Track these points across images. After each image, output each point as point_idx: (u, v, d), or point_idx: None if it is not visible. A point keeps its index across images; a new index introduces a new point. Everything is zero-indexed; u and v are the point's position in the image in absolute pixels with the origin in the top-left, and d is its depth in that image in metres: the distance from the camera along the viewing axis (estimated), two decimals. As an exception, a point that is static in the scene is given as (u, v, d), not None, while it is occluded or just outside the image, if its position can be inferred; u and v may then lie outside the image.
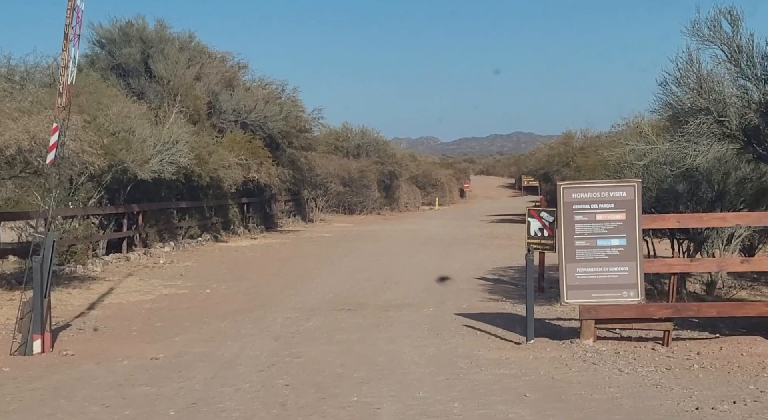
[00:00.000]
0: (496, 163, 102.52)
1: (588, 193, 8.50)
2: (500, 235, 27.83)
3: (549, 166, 31.87)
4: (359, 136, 44.74)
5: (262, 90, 28.33)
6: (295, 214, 36.97)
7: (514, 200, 61.09)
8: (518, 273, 16.30)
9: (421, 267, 17.69)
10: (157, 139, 19.07)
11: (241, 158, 24.14)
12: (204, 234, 24.63)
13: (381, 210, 43.68)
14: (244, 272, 17.16)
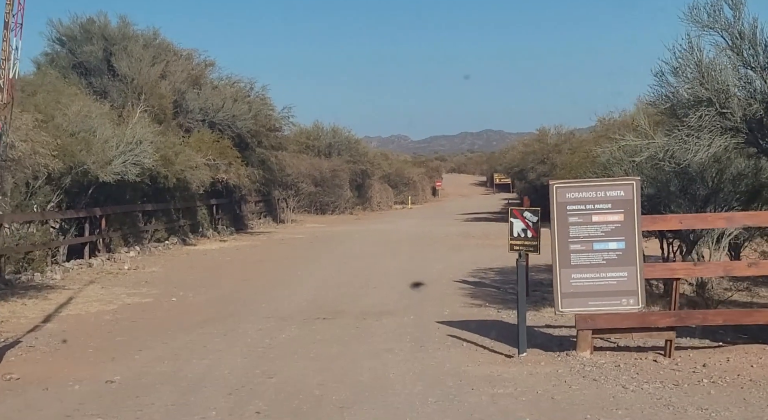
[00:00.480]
0: (468, 161, 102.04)
1: (583, 192, 7.82)
2: (476, 234, 27.21)
3: (523, 163, 31.28)
4: (330, 134, 43.92)
5: (230, 88, 27.45)
6: (266, 215, 36.09)
7: (486, 198, 60.63)
8: (499, 275, 15.65)
9: (399, 269, 16.98)
10: (120, 140, 18.17)
11: (209, 159, 23.27)
12: (171, 237, 23.72)
13: (353, 210, 42.91)
14: (212, 278, 16.34)
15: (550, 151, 31.00)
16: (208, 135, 24.47)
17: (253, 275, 16.69)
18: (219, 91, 26.81)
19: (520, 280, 8.13)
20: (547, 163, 31.06)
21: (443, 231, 28.91)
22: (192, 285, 15.14)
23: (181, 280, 16.06)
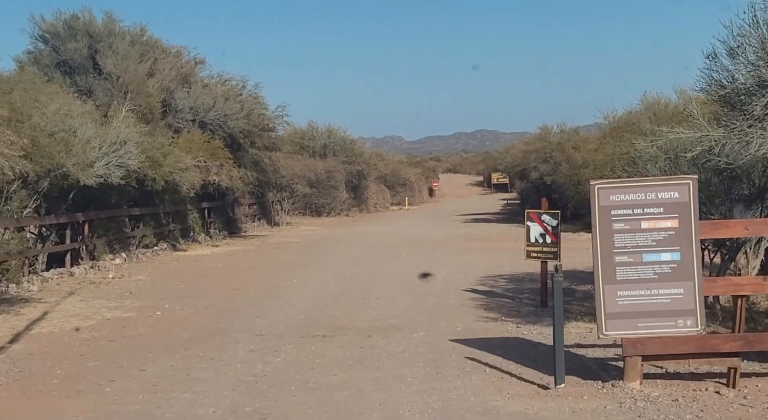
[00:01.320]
0: (463, 161, 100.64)
1: (630, 194, 6.57)
2: (478, 236, 25.99)
3: (525, 162, 30.07)
4: (325, 135, 42.64)
5: (222, 87, 26.15)
6: (260, 217, 34.83)
7: (484, 198, 59.41)
8: (510, 282, 14.41)
9: (402, 276, 15.73)
10: (103, 140, 16.87)
11: (199, 160, 22.00)
12: (161, 242, 22.44)
13: (350, 211, 41.66)
14: (202, 287, 15.07)
15: (553, 150, 29.77)
16: (199, 135, 23.19)
17: (245, 283, 15.42)
18: (210, 90, 25.53)
19: (557, 301, 6.81)
20: (550, 162, 29.83)
21: (443, 233, 27.68)
22: (179, 295, 13.88)
23: (168, 289, 14.80)
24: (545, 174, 29.61)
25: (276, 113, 27.68)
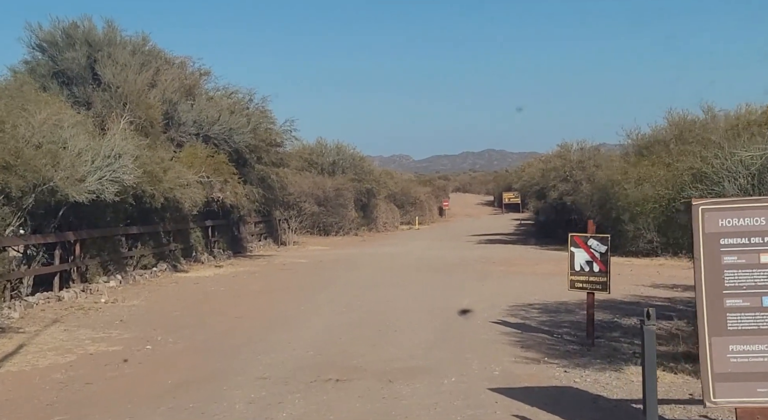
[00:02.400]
0: (472, 180, 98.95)
1: (747, 218, 5.00)
2: (496, 259, 24.38)
3: (544, 180, 28.56)
4: (334, 151, 41.18)
5: (227, 99, 24.73)
6: (266, 236, 33.30)
7: (495, 218, 57.78)
8: (543, 313, 12.79)
9: (421, 304, 14.14)
10: (96, 153, 15.41)
11: (202, 175, 20.50)
12: (160, 263, 20.90)
13: (358, 230, 40.10)
14: (201, 314, 13.52)
15: (573, 168, 28.22)
16: (202, 149, 21.72)
17: (247, 311, 13.86)
18: (215, 103, 24.10)
19: (648, 362, 5.17)
20: (570, 181, 28.26)
21: (459, 255, 26.07)
22: (174, 325, 12.33)
23: (163, 317, 13.25)
24: (564, 193, 28.04)
25: (284, 128, 26.26)
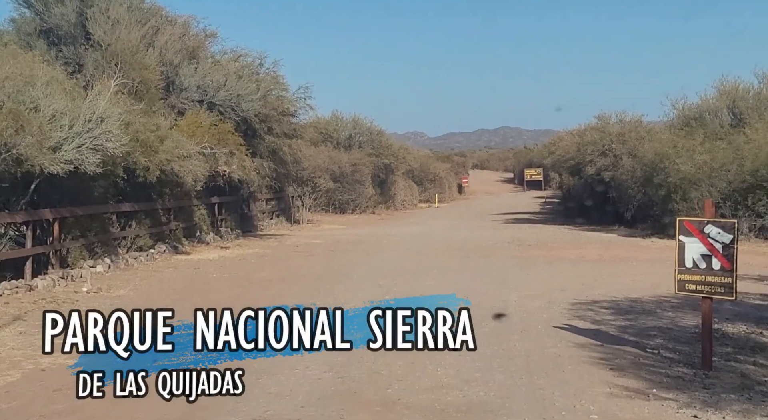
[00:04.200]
0: (490, 157, 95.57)
1: None
2: (530, 241, 21.73)
3: (580, 155, 25.80)
4: (351, 125, 38.44)
5: (235, 63, 22.08)
6: (278, 214, 30.73)
7: (517, 196, 54.97)
8: (617, 314, 10.16)
9: (461, 296, 11.55)
10: (75, 117, 12.85)
11: (205, 146, 17.93)
12: (159, 244, 18.38)
13: (375, 208, 37.47)
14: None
15: (613, 142, 25.44)
16: (204, 116, 19.11)
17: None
18: (221, 67, 21.47)
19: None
20: (609, 156, 25.50)
21: (488, 236, 23.44)
22: (160, 327, 9.78)
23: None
24: (603, 169, 25.28)
25: (297, 95, 23.57)
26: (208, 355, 4.57)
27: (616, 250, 18.27)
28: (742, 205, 19.52)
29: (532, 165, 62.32)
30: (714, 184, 20.01)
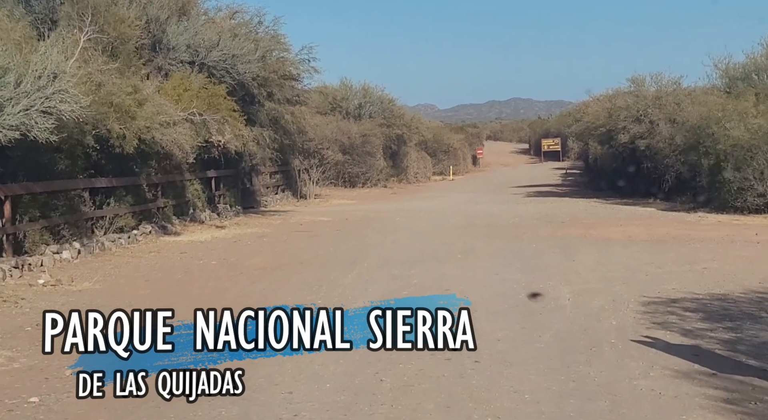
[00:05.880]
0: (504, 128, 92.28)
1: None
2: (560, 216, 19.17)
3: (612, 122, 23.02)
4: (360, 94, 35.74)
5: (230, 21, 19.44)
6: (283, 189, 28.23)
7: (535, 168, 52.21)
8: (711, 322, 7.57)
9: (501, 296, 9.04)
10: (22, 74, 10.33)
11: (192, 112, 15.38)
12: (144, 224, 15.91)
13: (387, 182, 34.93)
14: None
15: (649, 106, 22.70)
16: (194, 78, 16.53)
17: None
18: (214, 25, 18.85)
19: None
20: (644, 122, 22.79)
21: (512, 212, 20.89)
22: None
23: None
24: (638, 136, 22.57)
25: (300, 57, 20.90)
26: (208, 355, 4.47)
27: (665, 228, 15.69)
28: (806, 174, 16.87)
29: (549, 135, 59.46)
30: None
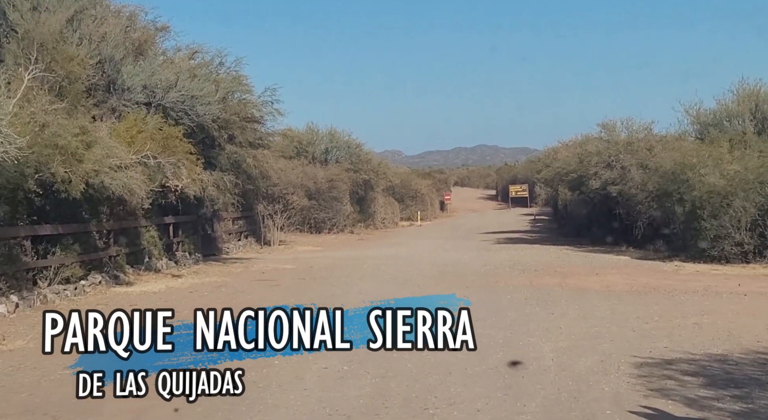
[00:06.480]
0: (470, 174, 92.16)
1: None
2: (534, 265, 18.35)
3: (583, 168, 22.45)
4: (327, 138, 35.03)
5: (189, 61, 18.62)
6: (247, 235, 27.20)
7: (503, 213, 51.66)
8: (715, 388, 6.70)
9: (479, 357, 8.13)
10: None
11: (146, 155, 14.42)
12: (94, 274, 14.82)
13: (354, 227, 34.05)
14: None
15: (620, 152, 22.19)
16: (149, 119, 15.59)
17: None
18: (173, 65, 17.99)
19: None
20: (615, 168, 22.25)
21: (483, 259, 20.07)
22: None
23: (7, 401, 7.22)
24: (610, 182, 22.01)
25: (263, 98, 20.08)
26: (208, 355, 4.45)
27: (644, 278, 14.94)
28: (788, 223, 16.31)
29: (516, 181, 59.23)
30: (749, 197, 16.78)
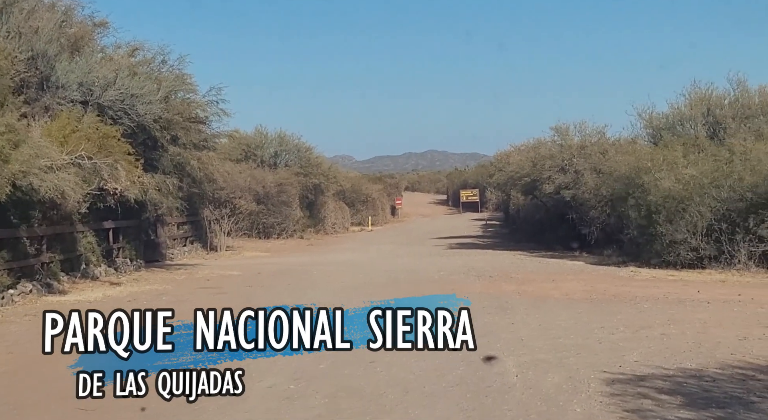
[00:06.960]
0: (421, 179, 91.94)
1: None
2: (491, 271, 17.80)
3: (536, 172, 22.05)
4: (276, 141, 34.15)
5: (130, 58, 17.65)
6: (193, 240, 26.24)
7: (454, 218, 51.28)
8: (696, 408, 6.15)
9: (431, 365, 7.47)
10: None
11: (80, 155, 13.46)
12: (24, 282, 13.82)
13: (304, 232, 33.24)
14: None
15: (574, 156, 21.86)
16: (85, 118, 14.62)
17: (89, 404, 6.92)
18: (112, 62, 17.01)
19: None
20: (569, 172, 21.91)
21: (437, 265, 19.48)
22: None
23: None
24: (563, 186, 21.65)
25: (208, 98, 19.19)
26: (208, 355, 4.44)
27: (601, 284, 14.49)
28: (741, 227, 16.03)
29: (467, 186, 58.98)
30: (704, 202, 16.49)
